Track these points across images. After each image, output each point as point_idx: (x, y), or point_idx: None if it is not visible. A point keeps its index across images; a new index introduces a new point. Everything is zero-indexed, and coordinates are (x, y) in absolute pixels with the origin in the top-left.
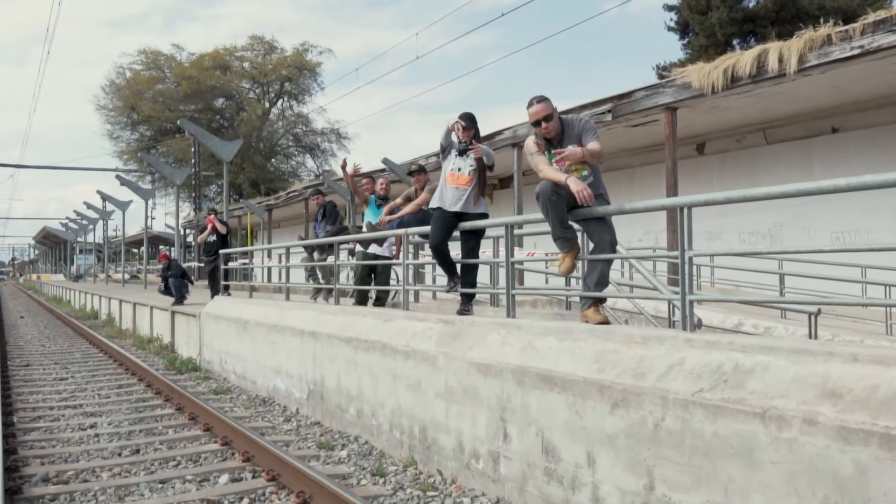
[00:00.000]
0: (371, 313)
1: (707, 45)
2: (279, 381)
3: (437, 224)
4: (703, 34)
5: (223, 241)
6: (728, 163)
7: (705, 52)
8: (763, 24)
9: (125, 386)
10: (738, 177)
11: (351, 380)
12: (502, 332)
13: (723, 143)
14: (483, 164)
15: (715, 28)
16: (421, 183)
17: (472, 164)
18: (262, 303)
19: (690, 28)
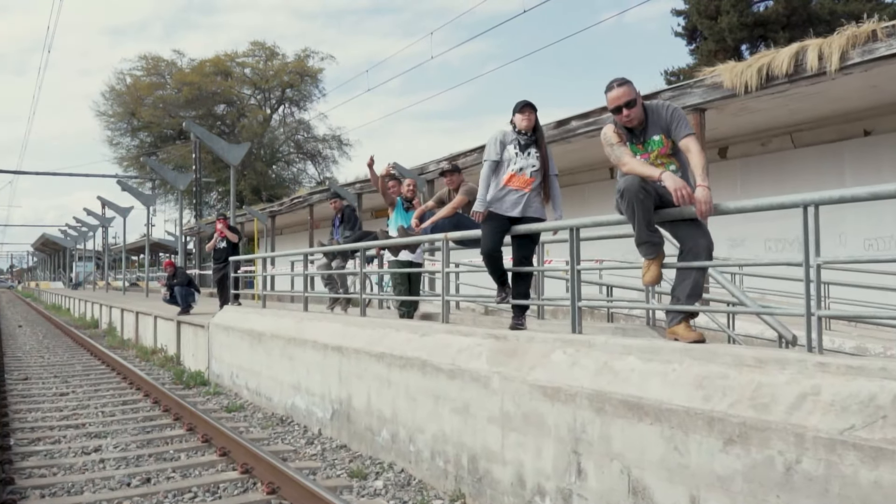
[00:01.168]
0: (405, 326)
1: (716, 51)
2: (298, 398)
3: (491, 228)
4: (713, 39)
5: (233, 248)
6: (752, 167)
7: (714, 58)
8: (774, 28)
9: (130, 402)
10: (764, 182)
11: (383, 400)
12: (569, 350)
13: (747, 147)
14: (548, 163)
15: (724, 33)
16: (454, 184)
17: (534, 163)
18: (278, 313)
19: (698, 33)
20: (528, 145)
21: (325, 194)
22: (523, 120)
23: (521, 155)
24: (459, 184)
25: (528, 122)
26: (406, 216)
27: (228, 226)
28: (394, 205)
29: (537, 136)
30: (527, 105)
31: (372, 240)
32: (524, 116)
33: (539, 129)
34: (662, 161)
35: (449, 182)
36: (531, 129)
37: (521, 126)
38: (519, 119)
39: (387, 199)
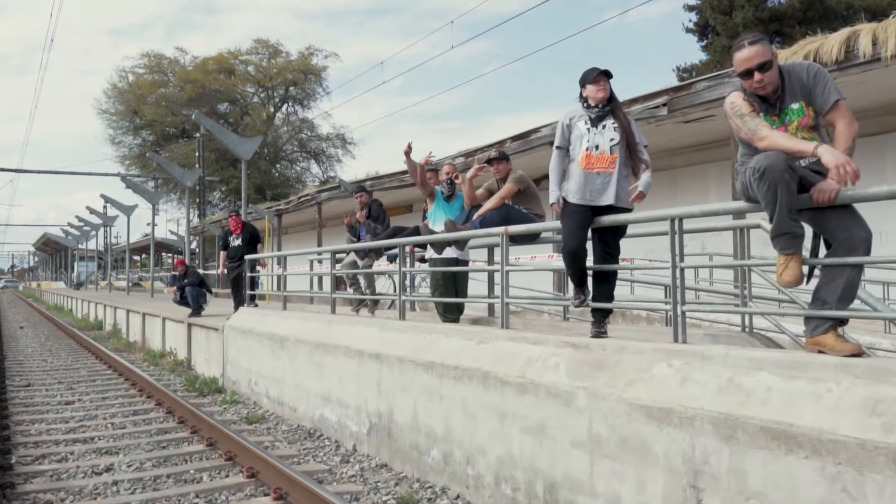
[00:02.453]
0: (456, 332)
1: (729, 46)
2: (328, 410)
3: (574, 222)
4: (726, 35)
5: (249, 246)
6: None
7: (728, 54)
8: (790, 23)
9: (141, 412)
10: None
11: (434, 415)
12: (676, 363)
13: None
14: (631, 133)
15: (739, 28)
16: (502, 173)
17: (613, 136)
18: (302, 316)
19: (710, 29)
20: (601, 118)
21: (334, 192)
22: (598, 90)
23: (594, 130)
24: (507, 173)
25: (604, 92)
26: (448, 207)
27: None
28: (433, 195)
29: (613, 106)
30: (601, 73)
31: (408, 235)
32: (598, 87)
33: (615, 99)
34: (803, 135)
35: (496, 171)
36: (606, 101)
37: (597, 97)
38: (592, 90)
39: (425, 189)
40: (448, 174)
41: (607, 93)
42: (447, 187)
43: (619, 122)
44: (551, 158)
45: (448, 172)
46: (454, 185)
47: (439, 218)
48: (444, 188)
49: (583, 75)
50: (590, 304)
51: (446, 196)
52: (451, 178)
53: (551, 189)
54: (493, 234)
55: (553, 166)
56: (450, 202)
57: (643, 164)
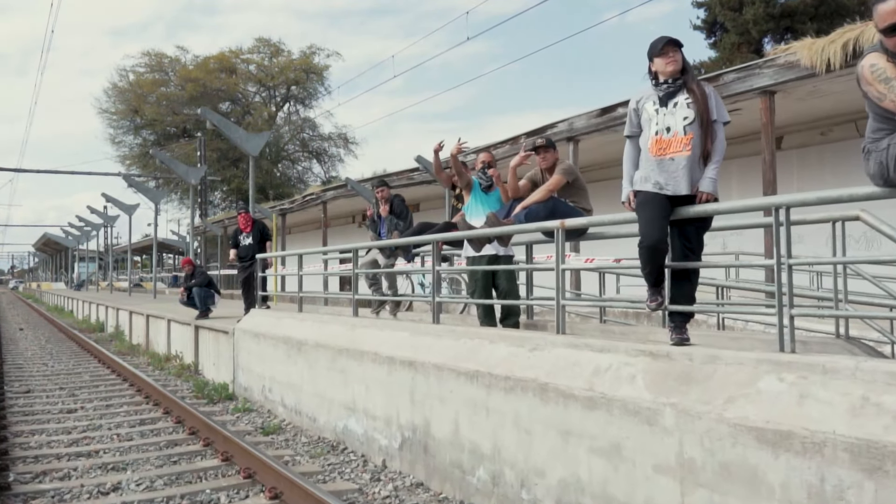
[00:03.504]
0: (503, 337)
1: (739, 44)
2: (353, 421)
3: (652, 214)
4: (735, 31)
5: (260, 245)
6: (810, 158)
7: (738, 51)
8: (801, 20)
9: (149, 422)
10: (825, 174)
11: (479, 430)
12: (788, 376)
13: (804, 137)
14: (709, 108)
15: (749, 25)
16: (548, 162)
17: (687, 114)
18: (321, 318)
19: (718, 26)
20: (671, 94)
21: (340, 191)
22: (668, 63)
23: (664, 110)
24: (554, 162)
25: (675, 64)
26: (486, 199)
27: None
28: (470, 187)
29: (686, 79)
30: (669, 42)
31: (439, 231)
32: (667, 59)
33: (688, 71)
34: None
35: (542, 160)
36: (678, 74)
37: (666, 71)
38: (661, 63)
39: (462, 179)
40: (484, 162)
41: (678, 65)
42: (485, 178)
43: (695, 97)
44: (624, 150)
45: (484, 161)
46: (489, 167)
47: (477, 211)
48: (481, 179)
49: (649, 48)
50: (668, 306)
51: (485, 187)
52: (487, 166)
53: (623, 185)
54: (548, 228)
55: (625, 158)
56: (488, 193)
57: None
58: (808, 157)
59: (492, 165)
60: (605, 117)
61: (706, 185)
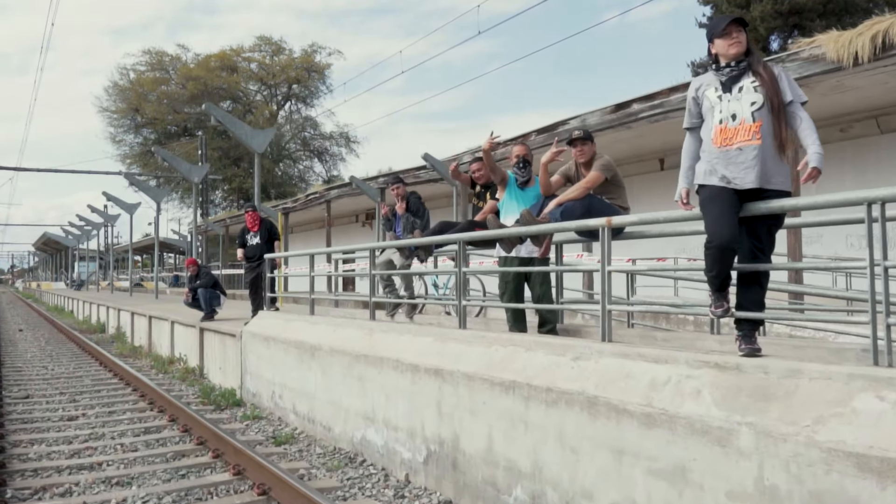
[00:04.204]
0: (541, 345)
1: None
2: (372, 432)
3: (722, 209)
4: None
5: (268, 245)
6: (829, 155)
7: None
8: (810, 17)
9: (154, 430)
10: (844, 173)
11: (517, 446)
12: (889, 394)
13: (823, 134)
14: (779, 91)
15: (756, 22)
16: (586, 155)
17: (754, 98)
18: (335, 322)
19: None
20: (735, 79)
21: (344, 190)
22: (730, 45)
23: (728, 96)
24: (592, 156)
25: (738, 46)
26: (523, 195)
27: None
28: (505, 182)
29: (750, 62)
30: (733, 22)
31: (462, 230)
32: (730, 40)
33: (753, 53)
34: None
35: (579, 153)
36: (741, 56)
37: (729, 54)
38: (723, 45)
39: (496, 174)
40: (519, 155)
41: (742, 46)
42: (521, 172)
43: (763, 79)
44: (684, 144)
45: (519, 154)
46: (529, 167)
47: (513, 209)
48: (517, 173)
49: (709, 28)
50: (735, 313)
51: (521, 182)
52: (524, 160)
53: (679, 180)
54: (591, 226)
55: (685, 152)
56: (525, 189)
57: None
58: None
59: (528, 159)
60: (620, 113)
61: (815, 160)
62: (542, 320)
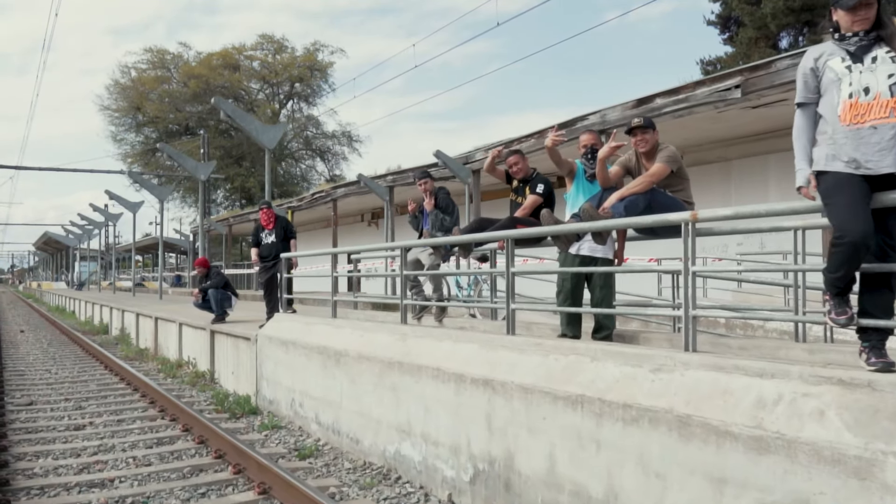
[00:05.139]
0: (610, 354)
1: (757, 38)
2: (408, 446)
3: (852, 199)
4: (753, 26)
5: (284, 243)
6: None
7: (755, 46)
8: (822, 13)
9: (167, 441)
10: None
11: (587, 469)
12: None
13: None
14: None
15: (767, 19)
16: (648, 144)
17: (893, 70)
18: (363, 326)
19: (733, 21)
20: (867, 48)
21: (351, 188)
22: (855, 22)
23: (860, 66)
24: (654, 145)
25: (865, 23)
26: (591, 188)
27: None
28: (572, 174)
29: (882, 33)
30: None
31: (502, 227)
32: (856, 16)
33: (885, 24)
34: None
35: (641, 142)
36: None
37: (852, 29)
38: (846, 19)
39: (564, 167)
40: (587, 145)
41: (869, 23)
42: (590, 163)
43: None
44: (794, 122)
45: (587, 143)
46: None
47: (579, 202)
48: (586, 164)
49: None
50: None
51: (590, 174)
52: (592, 150)
53: (798, 166)
54: (672, 222)
55: (798, 132)
56: (594, 182)
57: None
58: None
59: (597, 148)
60: (642, 108)
61: None
62: (598, 326)
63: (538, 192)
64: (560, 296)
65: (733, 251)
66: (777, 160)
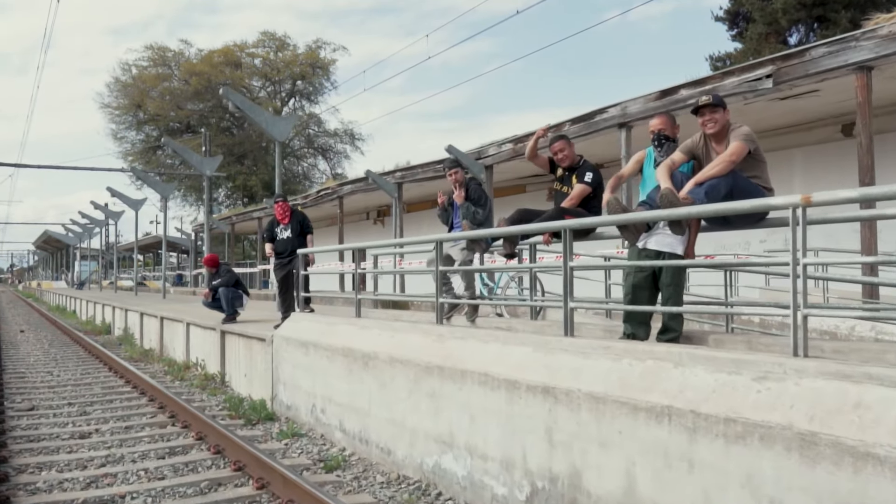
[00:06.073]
0: (698, 359)
1: (767, 34)
2: (450, 459)
3: None
4: (763, 21)
5: (301, 239)
6: (886, 146)
7: (765, 41)
8: (834, 8)
9: (180, 451)
10: None
11: (676, 491)
12: None
13: (878, 123)
14: None
15: (778, 14)
16: (717, 125)
17: None
18: (392, 326)
19: (741, 17)
20: None
21: (358, 185)
22: None
23: None
24: (724, 125)
25: None
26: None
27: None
28: (640, 161)
29: None
30: None
31: (549, 218)
32: None
33: None
34: None
35: (709, 122)
36: None
37: None
38: None
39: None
40: (654, 131)
41: None
42: (660, 150)
43: None
44: None
45: (655, 128)
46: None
47: (649, 188)
48: (656, 151)
49: None
50: None
51: (658, 155)
52: (662, 134)
53: None
54: (776, 206)
55: None
56: None
57: None
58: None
59: (666, 133)
60: (666, 100)
61: None
62: (664, 327)
63: (587, 182)
64: (628, 297)
65: (756, 248)
66: (803, 155)
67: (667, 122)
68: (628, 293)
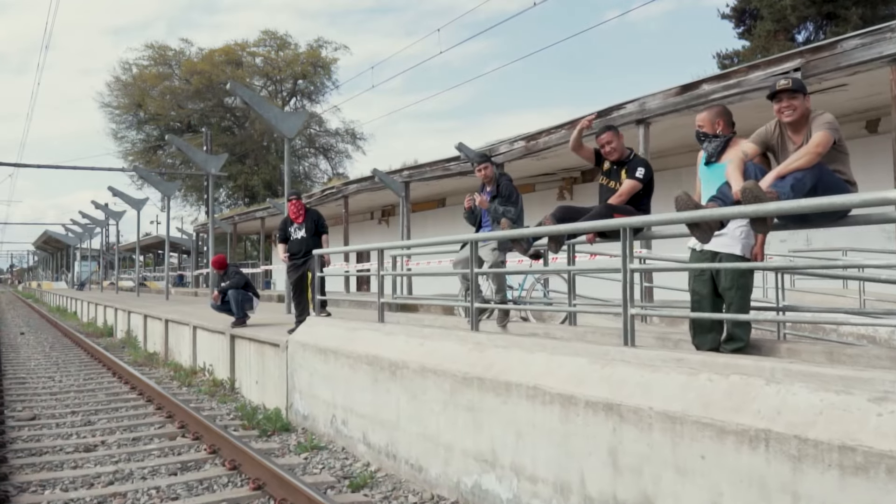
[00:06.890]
0: (794, 375)
1: (776, 31)
2: (492, 479)
3: None
4: (772, 18)
5: (315, 238)
6: None
7: (774, 39)
8: (844, 5)
9: (192, 466)
10: None
11: None
12: None
13: None
14: None
15: (787, 11)
16: (797, 113)
17: None
18: (423, 333)
19: (747, 14)
20: None
21: (363, 185)
22: None
23: None
24: (804, 113)
25: None
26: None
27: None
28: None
29: None
30: None
31: (596, 216)
32: None
33: None
34: None
35: (787, 109)
36: None
37: None
38: None
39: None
40: (702, 126)
41: None
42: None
43: None
44: None
45: (703, 124)
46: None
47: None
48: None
49: None
50: None
51: (709, 158)
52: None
53: None
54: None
55: None
56: (710, 166)
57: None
58: None
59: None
60: (686, 96)
61: None
62: (728, 336)
63: (637, 178)
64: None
65: (777, 247)
66: None
67: (705, 118)
68: (692, 300)
